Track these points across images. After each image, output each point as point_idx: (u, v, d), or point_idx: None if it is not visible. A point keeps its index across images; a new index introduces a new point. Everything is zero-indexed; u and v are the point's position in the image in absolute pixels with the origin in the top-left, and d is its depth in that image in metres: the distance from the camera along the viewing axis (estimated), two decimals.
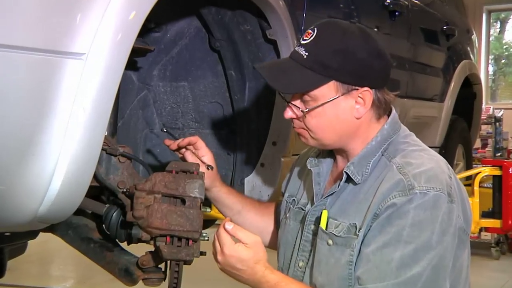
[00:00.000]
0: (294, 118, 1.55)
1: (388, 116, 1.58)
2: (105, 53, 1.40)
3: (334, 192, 1.55)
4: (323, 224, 1.53)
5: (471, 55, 4.56)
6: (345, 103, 1.50)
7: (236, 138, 2.33)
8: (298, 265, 1.61)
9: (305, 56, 1.49)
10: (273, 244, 1.80)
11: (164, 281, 1.78)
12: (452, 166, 4.36)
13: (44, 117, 1.35)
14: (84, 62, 1.38)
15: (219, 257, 1.48)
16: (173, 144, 1.81)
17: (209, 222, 2.88)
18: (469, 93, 4.64)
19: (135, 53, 1.70)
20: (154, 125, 2.37)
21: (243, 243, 1.46)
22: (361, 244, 1.45)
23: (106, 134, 1.58)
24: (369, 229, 1.44)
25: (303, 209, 1.65)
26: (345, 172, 1.53)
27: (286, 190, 1.79)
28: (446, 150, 4.15)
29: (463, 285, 1.50)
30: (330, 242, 1.51)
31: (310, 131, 1.54)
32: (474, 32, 4.88)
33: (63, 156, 1.40)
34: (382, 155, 1.53)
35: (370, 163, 1.52)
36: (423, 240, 1.39)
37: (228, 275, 1.51)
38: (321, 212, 1.54)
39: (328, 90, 1.49)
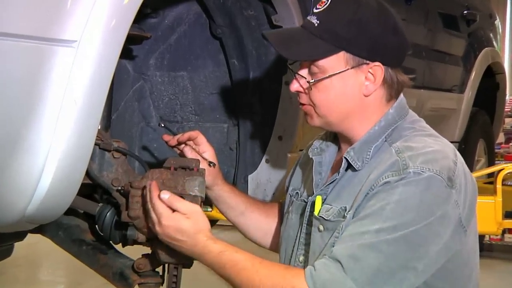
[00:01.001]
0: (300, 92, 1.57)
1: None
2: (98, 41, 1.40)
3: (334, 180, 1.57)
4: (316, 210, 1.55)
5: (494, 42, 4.55)
6: (354, 77, 1.52)
7: (239, 132, 2.33)
8: (299, 260, 1.62)
9: (316, 25, 1.52)
10: (277, 245, 1.81)
11: (162, 286, 1.79)
12: (472, 163, 4.39)
13: (33, 110, 1.36)
14: (75, 50, 1.38)
15: (158, 228, 1.50)
16: (172, 140, 1.82)
17: (210, 223, 2.88)
18: (491, 83, 4.64)
19: (130, 40, 1.70)
20: (150, 118, 2.37)
21: (181, 213, 1.48)
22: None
23: (99, 128, 1.59)
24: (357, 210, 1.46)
25: (305, 201, 1.66)
26: (344, 157, 1.55)
27: (290, 184, 1.80)
28: (466, 145, 4.14)
29: (459, 285, 1.51)
30: (321, 228, 1.53)
31: (316, 107, 1.55)
32: (497, 17, 4.87)
33: (53, 152, 1.40)
34: (385, 141, 1.54)
35: (371, 149, 1.53)
36: (405, 220, 1.40)
37: (169, 245, 1.53)
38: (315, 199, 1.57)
39: (337, 61, 1.51)
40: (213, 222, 2.82)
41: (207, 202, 1.76)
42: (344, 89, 1.52)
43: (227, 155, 2.37)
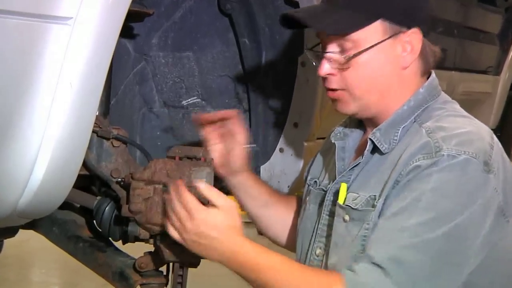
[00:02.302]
0: (331, 75, 1.56)
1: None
2: (95, 18, 1.41)
3: (358, 164, 1.58)
4: (341, 199, 1.56)
5: None
6: (392, 48, 1.53)
7: (250, 118, 2.34)
8: (315, 253, 1.63)
9: None
10: (293, 242, 1.81)
11: (166, 287, 1.81)
12: (509, 152, 4.36)
13: (24, 94, 1.37)
14: (71, 28, 1.38)
15: (188, 225, 1.46)
16: (207, 116, 1.80)
17: None
18: None
19: (131, 17, 1.71)
20: (153, 103, 2.38)
21: (215, 206, 1.47)
22: (378, 216, 1.48)
23: (97, 113, 1.60)
24: (387, 198, 1.47)
25: (324, 190, 1.67)
26: (370, 139, 1.55)
27: (309, 174, 1.81)
28: (502, 133, 4.13)
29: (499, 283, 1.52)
30: (347, 217, 1.53)
31: (351, 90, 1.55)
32: None
33: (46, 140, 1.41)
34: (415, 121, 1.55)
35: (399, 130, 1.54)
36: (444, 209, 1.41)
37: (193, 249, 1.49)
38: (340, 186, 1.57)
39: (374, 32, 1.52)
40: None
41: None
42: (382, 63, 1.53)
43: None
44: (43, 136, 1.41)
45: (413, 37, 1.53)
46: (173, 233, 1.50)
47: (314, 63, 1.62)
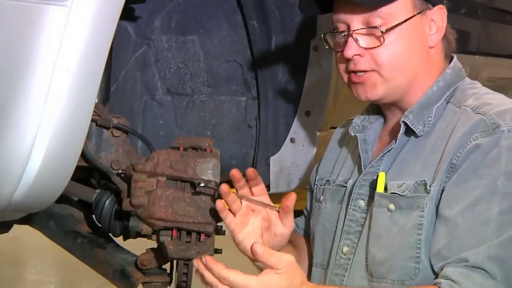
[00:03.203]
0: (358, 55, 1.56)
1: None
2: None
3: (391, 149, 1.58)
4: (380, 188, 1.56)
5: None
6: (420, 26, 1.56)
7: (259, 106, 2.34)
8: (342, 251, 1.63)
9: None
10: None
11: (170, 285, 1.81)
12: None
13: (19, 80, 1.38)
14: (68, 10, 1.39)
15: None
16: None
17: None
18: None
19: None
20: (155, 90, 2.38)
21: (274, 269, 1.41)
22: (437, 205, 1.48)
23: (96, 101, 1.60)
24: (445, 184, 1.47)
25: (343, 186, 1.67)
26: (403, 122, 1.56)
27: (317, 174, 1.80)
28: None
29: None
30: (392, 207, 1.54)
31: (382, 69, 1.55)
32: None
33: (43, 129, 1.42)
34: (448, 102, 1.57)
35: (432, 111, 1.56)
36: None
37: None
38: (377, 176, 1.57)
39: (403, 7, 1.54)
40: None
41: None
42: (413, 40, 1.56)
43: (245, 133, 2.38)
44: (39, 124, 1.41)
45: (439, 13, 1.57)
46: None
47: (332, 47, 1.62)
